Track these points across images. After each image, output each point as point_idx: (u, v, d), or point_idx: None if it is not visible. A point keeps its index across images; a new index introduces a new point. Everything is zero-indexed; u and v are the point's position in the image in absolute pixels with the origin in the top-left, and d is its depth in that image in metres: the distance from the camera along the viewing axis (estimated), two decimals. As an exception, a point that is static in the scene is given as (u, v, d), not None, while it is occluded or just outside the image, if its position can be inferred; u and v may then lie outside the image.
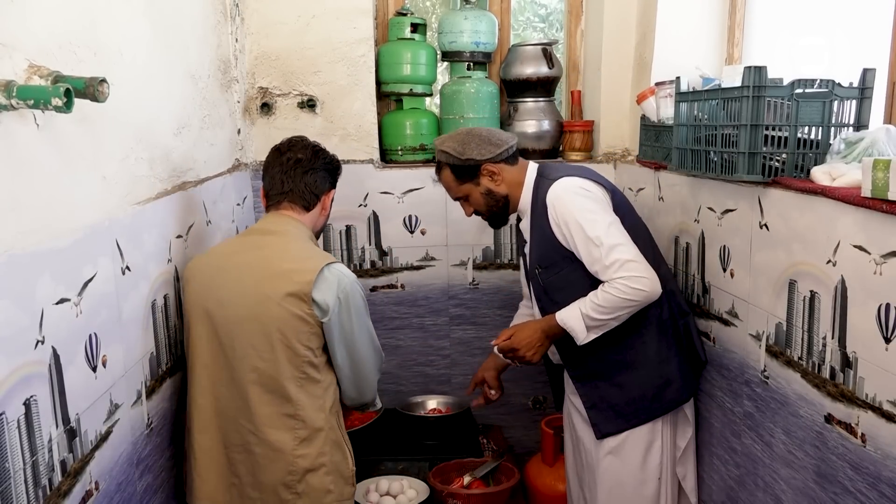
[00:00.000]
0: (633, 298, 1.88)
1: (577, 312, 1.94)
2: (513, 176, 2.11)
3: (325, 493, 1.75)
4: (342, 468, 1.80)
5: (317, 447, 1.73)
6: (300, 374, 1.72)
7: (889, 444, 1.39)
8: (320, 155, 1.93)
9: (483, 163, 2.06)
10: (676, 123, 2.11)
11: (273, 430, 1.71)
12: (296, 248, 1.80)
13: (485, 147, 2.06)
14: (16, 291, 1.09)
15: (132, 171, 1.56)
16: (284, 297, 1.69)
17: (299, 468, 1.72)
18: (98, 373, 1.37)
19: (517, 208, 2.14)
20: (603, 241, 1.90)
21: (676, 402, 2.09)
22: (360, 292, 1.80)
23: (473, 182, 2.10)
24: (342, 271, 1.77)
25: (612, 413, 2.08)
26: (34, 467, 1.13)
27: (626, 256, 1.89)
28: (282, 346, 1.70)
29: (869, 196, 1.38)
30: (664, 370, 2.06)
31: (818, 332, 1.62)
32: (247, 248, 1.81)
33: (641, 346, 2.05)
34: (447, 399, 2.82)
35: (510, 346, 2.04)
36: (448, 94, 2.83)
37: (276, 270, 1.72)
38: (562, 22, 3.14)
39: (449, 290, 2.84)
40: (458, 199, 2.18)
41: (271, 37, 2.63)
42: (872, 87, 1.73)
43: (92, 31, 1.38)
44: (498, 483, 2.36)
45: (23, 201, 1.12)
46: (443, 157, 2.10)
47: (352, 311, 1.77)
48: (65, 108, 1.05)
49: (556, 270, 2.04)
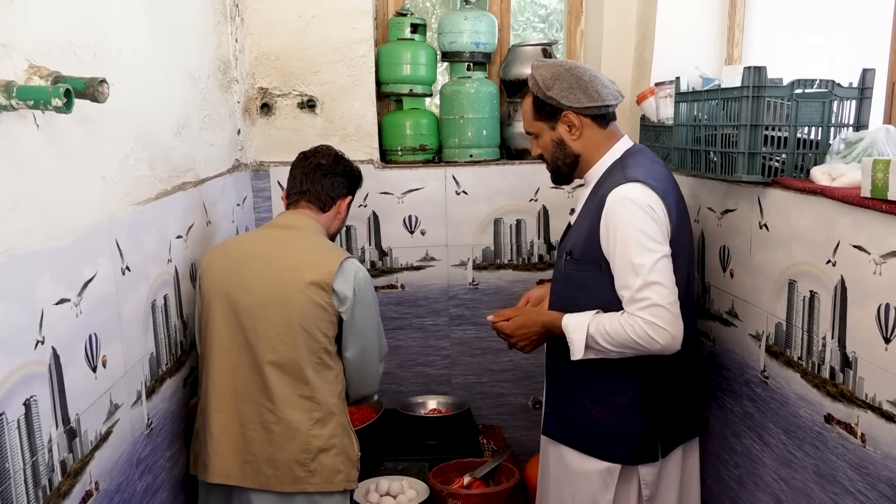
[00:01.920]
0: (644, 345, 1.69)
1: (583, 328, 1.77)
2: (596, 138, 1.86)
3: (336, 472, 1.84)
4: (350, 452, 1.88)
5: (329, 429, 1.83)
6: (317, 360, 1.82)
7: (889, 444, 1.39)
8: (341, 162, 2.06)
9: (565, 109, 1.83)
10: (676, 123, 2.11)
11: (291, 409, 1.80)
12: (315, 242, 1.93)
13: (574, 93, 1.81)
14: (16, 291, 1.09)
15: (132, 171, 1.56)
16: (307, 286, 1.80)
17: (313, 447, 1.80)
18: (98, 373, 1.37)
19: (585, 174, 1.92)
20: (644, 272, 1.68)
21: (621, 460, 1.85)
22: (371, 287, 1.93)
23: (549, 124, 1.87)
24: (358, 266, 1.89)
25: (562, 420, 1.95)
26: (34, 467, 1.13)
27: (659, 300, 1.67)
28: (302, 331, 1.80)
29: (868, 196, 1.39)
30: (624, 423, 1.84)
31: (818, 332, 1.62)
32: (269, 240, 1.94)
33: (619, 389, 1.84)
34: (447, 399, 2.82)
35: (504, 330, 1.92)
36: (448, 94, 2.83)
37: (299, 261, 1.84)
38: (562, 22, 3.14)
39: (449, 290, 2.84)
40: (529, 134, 1.97)
41: (271, 37, 2.63)
42: (872, 87, 1.73)
43: (92, 32, 1.38)
44: (498, 483, 2.36)
45: (23, 201, 1.12)
46: (531, 81, 1.88)
47: (365, 303, 1.88)
48: (65, 109, 1.05)
49: (584, 269, 1.84)
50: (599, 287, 1.80)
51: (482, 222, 2.81)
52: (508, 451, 2.57)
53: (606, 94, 1.84)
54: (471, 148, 2.80)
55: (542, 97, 1.84)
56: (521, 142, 2.84)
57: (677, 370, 1.88)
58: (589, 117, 1.84)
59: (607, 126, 1.88)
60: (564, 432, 1.95)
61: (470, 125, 2.78)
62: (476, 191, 2.79)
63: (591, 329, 1.75)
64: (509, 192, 2.80)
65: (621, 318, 1.72)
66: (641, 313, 1.68)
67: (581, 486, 1.90)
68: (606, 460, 1.86)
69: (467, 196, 2.79)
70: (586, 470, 1.89)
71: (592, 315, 1.78)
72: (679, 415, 1.92)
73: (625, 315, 1.72)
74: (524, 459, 2.76)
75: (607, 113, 1.86)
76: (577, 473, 1.91)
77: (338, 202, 2.04)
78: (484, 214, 2.80)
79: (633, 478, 1.88)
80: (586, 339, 1.76)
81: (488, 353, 2.90)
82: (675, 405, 1.90)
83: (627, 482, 1.88)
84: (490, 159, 2.82)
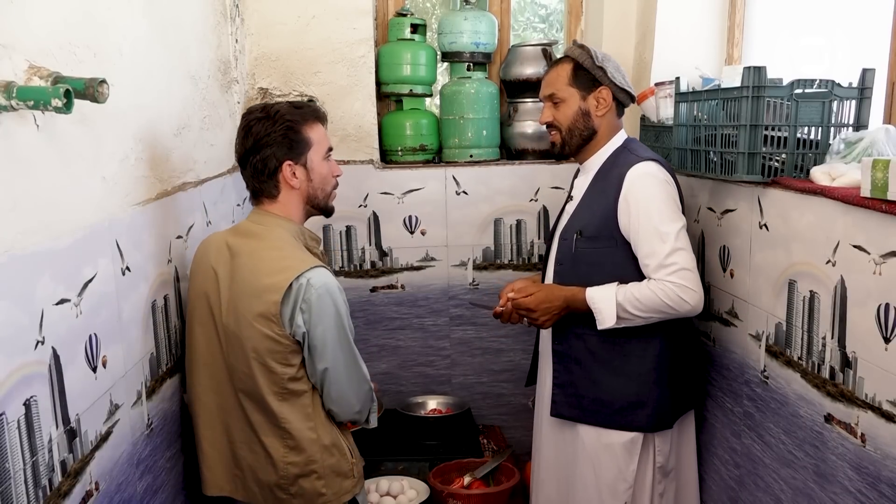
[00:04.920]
0: (674, 307, 1.81)
1: (611, 297, 1.86)
2: (612, 122, 2.01)
3: (317, 495, 1.72)
4: (338, 467, 1.74)
5: (306, 455, 1.69)
6: (279, 390, 1.66)
7: (888, 444, 1.39)
8: (251, 135, 1.69)
9: (607, 83, 1.96)
10: (676, 124, 2.11)
11: (265, 436, 1.70)
12: (270, 257, 1.66)
13: (618, 74, 1.97)
14: (16, 292, 1.09)
15: (132, 171, 1.56)
16: (256, 318, 1.62)
17: (290, 474, 1.70)
18: (98, 373, 1.37)
19: (587, 159, 2.03)
20: (671, 240, 1.82)
21: (640, 428, 1.96)
22: (333, 303, 1.64)
23: (583, 93, 1.97)
24: (313, 280, 1.62)
25: (574, 400, 2.01)
26: (34, 467, 1.13)
27: (685, 264, 1.82)
28: (258, 364, 1.65)
29: (868, 196, 1.39)
30: (643, 391, 1.95)
31: (818, 332, 1.62)
32: (230, 253, 1.71)
33: (637, 359, 1.95)
34: (447, 399, 2.82)
35: (528, 305, 1.95)
36: (448, 94, 2.83)
37: (249, 287, 1.64)
38: (562, 22, 3.14)
39: (449, 290, 2.84)
40: (548, 100, 2.02)
41: (271, 37, 2.63)
42: (872, 87, 1.73)
43: (92, 32, 1.38)
44: (498, 483, 2.36)
45: (23, 202, 1.12)
46: (576, 51, 1.98)
47: (320, 320, 1.63)
48: (65, 109, 1.05)
49: (598, 245, 1.93)
50: (615, 262, 1.92)
51: (482, 222, 2.81)
52: (509, 451, 2.57)
53: (631, 87, 2.02)
54: (471, 148, 2.80)
55: (590, 66, 1.95)
56: (522, 142, 2.84)
57: (687, 338, 2.04)
58: (616, 101, 1.99)
59: (621, 117, 2.05)
60: (578, 410, 2.01)
61: (470, 125, 2.78)
62: (476, 191, 2.79)
63: (619, 298, 1.86)
64: (509, 193, 2.80)
65: (650, 285, 1.83)
66: (672, 277, 1.81)
67: (604, 460, 1.98)
68: (626, 430, 1.95)
69: (467, 196, 2.79)
70: (606, 443, 1.98)
71: (616, 285, 1.88)
72: (687, 383, 2.04)
73: (652, 282, 1.84)
74: (525, 459, 2.76)
75: (627, 104, 2.04)
76: (597, 449, 1.99)
77: (278, 176, 1.69)
78: (484, 214, 2.80)
79: (650, 446, 1.99)
80: (616, 308, 1.85)
81: (488, 353, 2.90)
82: (685, 373, 2.03)
83: (645, 450, 1.98)
84: (490, 159, 2.82)
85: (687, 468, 2.13)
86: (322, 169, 1.75)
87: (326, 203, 1.81)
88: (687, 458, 2.13)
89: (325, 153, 1.76)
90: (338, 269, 2.78)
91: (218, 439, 1.76)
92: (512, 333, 2.85)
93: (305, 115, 1.72)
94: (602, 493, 1.99)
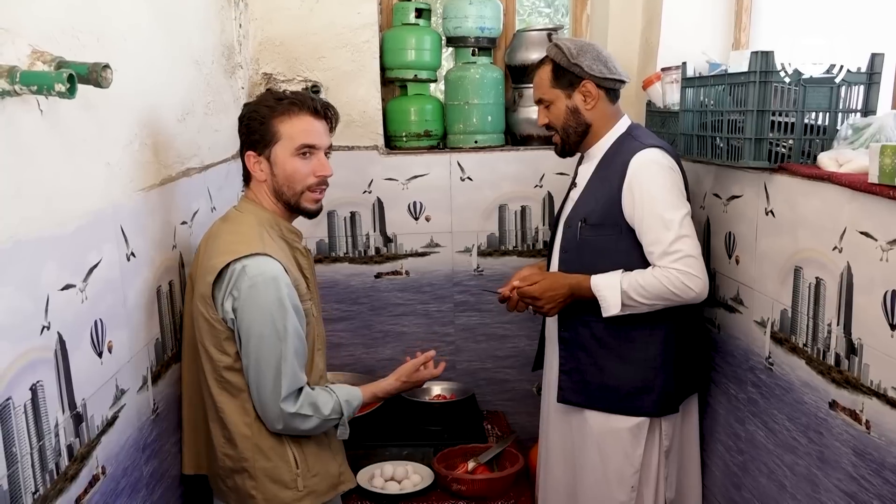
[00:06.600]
0: (679, 294, 1.83)
1: (615, 285, 1.87)
2: (606, 111, 1.99)
3: (248, 497, 1.65)
4: (273, 473, 1.64)
5: (239, 451, 1.64)
6: (218, 378, 1.63)
7: (894, 431, 1.39)
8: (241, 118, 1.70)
9: (587, 77, 1.94)
10: (682, 109, 2.10)
11: (212, 422, 1.68)
12: (225, 240, 1.62)
13: (597, 64, 1.94)
14: (21, 277, 1.09)
15: (136, 157, 1.56)
16: (199, 298, 1.60)
17: (226, 466, 1.67)
18: (104, 358, 1.37)
19: (589, 148, 2.04)
20: (675, 227, 1.83)
21: (647, 413, 1.98)
22: (266, 295, 1.54)
23: (566, 92, 1.97)
24: (250, 268, 1.54)
25: (581, 386, 2.02)
26: (41, 452, 1.13)
27: (690, 251, 1.83)
28: (201, 347, 1.63)
29: (876, 182, 1.38)
30: (649, 377, 1.96)
31: (823, 318, 1.62)
32: (209, 234, 1.71)
33: (642, 345, 1.96)
34: (452, 385, 2.82)
35: (532, 293, 1.96)
36: (453, 79, 2.82)
37: (202, 268, 1.62)
38: (567, 7, 3.12)
39: (453, 276, 2.84)
40: (540, 104, 2.05)
41: (275, 22, 2.62)
42: (880, 72, 1.71)
43: (95, 17, 1.38)
44: (502, 469, 2.37)
45: (27, 187, 1.12)
46: (552, 50, 1.97)
47: (248, 311, 1.55)
48: (68, 94, 1.05)
49: (603, 233, 1.94)
50: (620, 249, 1.92)
51: (487, 208, 2.80)
52: (513, 436, 2.58)
53: (621, 72, 1.98)
54: (476, 134, 2.79)
55: (566, 65, 1.94)
56: (527, 127, 2.82)
57: (692, 323, 2.06)
58: (604, 90, 1.97)
59: (616, 103, 2.02)
60: (585, 396, 2.03)
61: (475, 111, 2.77)
62: (481, 177, 2.78)
63: (623, 285, 1.87)
64: (514, 178, 2.79)
65: (654, 272, 1.85)
66: (676, 265, 1.82)
67: (611, 444, 2.01)
68: (633, 415, 1.97)
69: (472, 182, 2.78)
70: (614, 428, 2.00)
71: (621, 273, 1.89)
72: (692, 367, 2.06)
73: (657, 269, 1.85)
74: (528, 445, 2.77)
75: (618, 89, 2.00)
76: (604, 433, 2.01)
77: (247, 164, 1.68)
78: (489, 200, 2.80)
79: (656, 430, 2.01)
80: (620, 295, 1.86)
81: (493, 339, 2.90)
82: (690, 357, 2.05)
83: (652, 435, 2.01)
84: (495, 145, 2.81)
85: (689, 448, 2.16)
86: (286, 165, 1.64)
87: (298, 202, 1.68)
88: (689, 438, 2.15)
89: (297, 149, 1.64)
90: (342, 255, 2.78)
91: (195, 417, 1.76)
92: (516, 320, 2.85)
93: (282, 107, 1.64)
94: (609, 478, 2.01)
